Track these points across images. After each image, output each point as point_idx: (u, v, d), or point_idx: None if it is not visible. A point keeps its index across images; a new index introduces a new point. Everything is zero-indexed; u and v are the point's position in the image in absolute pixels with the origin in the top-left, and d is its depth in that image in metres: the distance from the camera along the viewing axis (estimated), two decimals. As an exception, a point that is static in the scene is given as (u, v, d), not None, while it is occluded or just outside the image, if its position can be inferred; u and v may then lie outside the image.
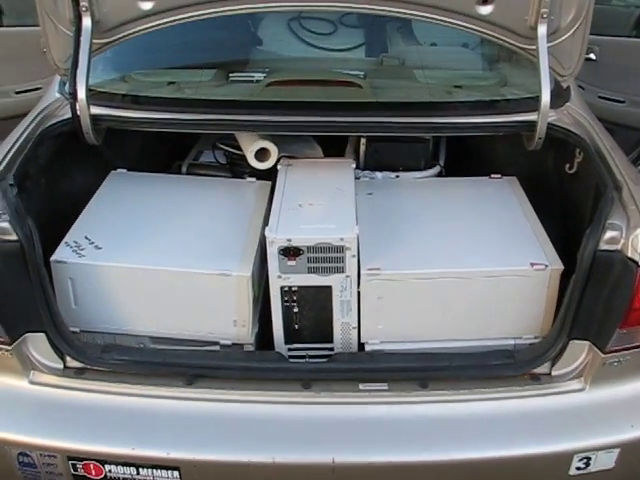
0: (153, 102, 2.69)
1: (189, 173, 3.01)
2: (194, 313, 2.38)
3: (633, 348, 2.21)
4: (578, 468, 2.18)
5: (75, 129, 2.55)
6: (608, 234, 2.16)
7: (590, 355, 2.24)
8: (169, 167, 3.12)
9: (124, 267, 2.33)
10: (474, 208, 2.62)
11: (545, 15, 2.37)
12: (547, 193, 2.79)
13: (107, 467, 2.17)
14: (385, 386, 2.25)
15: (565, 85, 2.66)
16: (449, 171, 2.96)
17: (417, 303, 2.33)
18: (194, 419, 2.20)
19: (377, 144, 2.82)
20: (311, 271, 2.29)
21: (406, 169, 2.85)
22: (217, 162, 3.01)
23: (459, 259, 2.35)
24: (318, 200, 2.46)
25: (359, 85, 2.73)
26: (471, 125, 2.61)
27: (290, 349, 2.43)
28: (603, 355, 2.21)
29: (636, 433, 2.19)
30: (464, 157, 3.04)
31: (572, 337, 2.24)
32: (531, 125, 2.52)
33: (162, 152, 3.21)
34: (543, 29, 2.39)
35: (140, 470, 2.16)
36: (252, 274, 2.32)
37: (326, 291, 2.32)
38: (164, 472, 2.16)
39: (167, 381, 2.26)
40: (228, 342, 2.39)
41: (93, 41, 2.46)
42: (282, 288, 2.32)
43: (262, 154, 2.76)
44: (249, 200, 2.69)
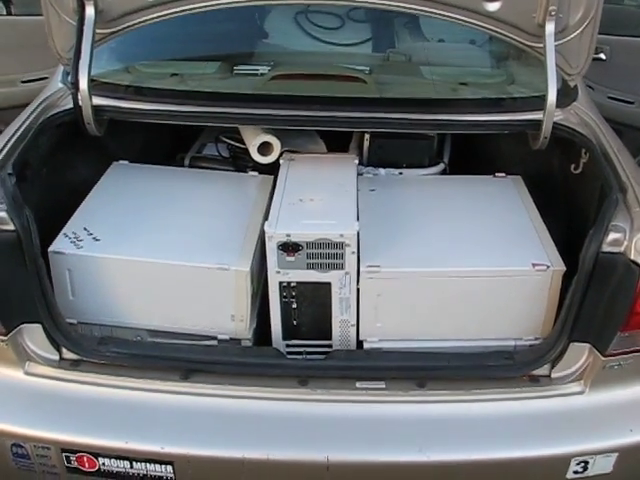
0: (156, 94, 2.67)
1: (192, 166, 2.99)
2: (192, 307, 2.36)
3: (634, 352, 2.18)
4: (576, 472, 2.16)
5: (77, 119, 2.54)
6: (611, 236, 2.13)
7: (590, 358, 2.21)
8: (172, 159, 3.10)
9: (122, 259, 2.32)
10: (477, 207, 2.59)
11: (553, 13, 2.33)
12: (552, 193, 2.75)
13: (101, 460, 2.15)
14: (382, 384, 2.22)
15: (572, 84, 2.62)
16: (453, 169, 2.93)
17: (417, 302, 2.30)
18: (189, 414, 2.19)
19: (381, 140, 2.78)
20: (310, 267, 2.27)
21: (410, 166, 2.82)
22: (220, 155, 2.99)
23: (460, 258, 2.32)
24: (319, 195, 2.43)
25: (364, 80, 2.70)
26: (476, 123, 2.58)
27: (288, 345, 2.41)
28: (603, 358, 2.18)
29: (635, 438, 2.16)
30: (469, 155, 3.01)
31: (572, 339, 2.21)
32: (537, 124, 2.49)
33: (166, 144, 3.19)
34: (551, 27, 2.36)
35: (134, 464, 2.15)
36: (251, 269, 2.30)
37: (325, 287, 2.30)
38: (158, 467, 2.14)
39: (163, 375, 2.25)
40: (226, 337, 2.37)
41: (96, 31, 2.44)
42: (281, 283, 2.30)
43: (265, 148, 2.73)
44: (251, 194, 2.67)
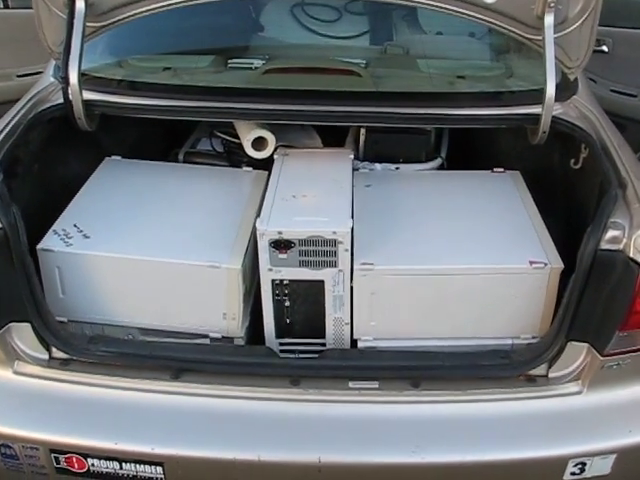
0: (148, 88, 2.62)
1: (186, 161, 2.95)
2: (183, 305, 2.32)
3: (633, 351, 2.13)
4: (573, 473, 2.12)
5: (68, 114, 2.50)
6: (610, 233, 2.08)
7: (588, 357, 2.16)
8: (167, 154, 3.06)
9: (112, 257, 2.28)
10: (474, 203, 2.54)
11: (552, 4, 2.29)
12: (551, 189, 2.70)
13: (90, 461, 2.12)
14: (376, 384, 2.18)
15: (572, 77, 2.57)
16: (451, 164, 2.87)
17: (412, 300, 2.26)
18: (179, 414, 2.15)
19: (377, 135, 2.74)
20: (303, 265, 2.23)
21: (406, 161, 2.77)
22: (214, 150, 2.95)
23: (456, 255, 2.27)
24: (313, 192, 2.39)
25: (359, 74, 2.65)
26: (473, 117, 2.52)
27: (281, 344, 2.37)
28: (602, 358, 2.13)
29: (634, 439, 2.12)
30: (467, 149, 2.95)
31: (570, 338, 2.16)
32: (535, 118, 2.44)
33: (160, 139, 3.14)
34: (550, 19, 2.32)
35: (123, 465, 2.11)
36: (243, 267, 2.26)
37: (318, 285, 2.26)
38: (148, 467, 2.11)
39: (153, 374, 2.21)
40: (218, 335, 2.34)
41: (86, 25, 2.39)
42: (273, 281, 2.26)
43: (259, 143, 2.69)
44: (244, 190, 2.63)
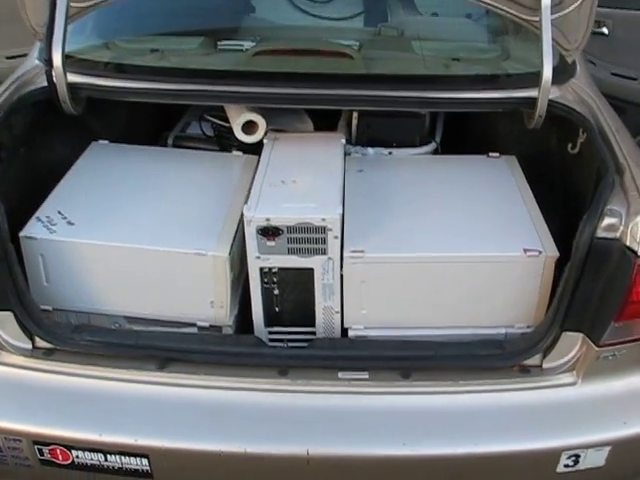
0: (135, 70, 2.56)
1: (175, 145, 2.89)
2: (170, 293, 2.27)
3: (629, 342, 2.08)
4: (566, 465, 2.07)
5: (52, 98, 2.44)
6: (606, 221, 2.02)
7: (583, 348, 2.11)
8: (158, 138, 3.00)
9: (96, 244, 2.22)
10: (469, 188, 2.47)
11: (549, -16, 2.22)
12: (548, 174, 2.64)
13: (74, 452, 2.08)
14: (365, 375, 2.13)
15: (570, 60, 2.51)
16: (446, 148, 2.81)
17: (403, 288, 2.21)
18: (165, 405, 2.10)
19: (370, 119, 2.67)
20: (291, 252, 2.17)
21: (400, 145, 2.71)
22: (204, 134, 2.88)
23: (448, 243, 2.22)
24: (302, 177, 2.33)
25: (351, 56, 2.59)
26: (468, 100, 2.46)
27: (271, 332, 2.32)
28: (597, 348, 2.08)
29: (629, 430, 2.07)
30: (462, 134, 2.89)
31: (565, 328, 2.11)
32: (531, 102, 2.38)
33: (151, 122, 3.08)
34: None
35: (108, 457, 2.07)
36: (230, 254, 2.21)
37: (307, 273, 2.21)
38: (132, 459, 2.06)
39: (139, 364, 2.16)
40: (205, 324, 2.29)
41: (70, 4, 2.33)
42: (261, 269, 2.21)
43: (250, 127, 2.62)
44: (234, 175, 2.57)
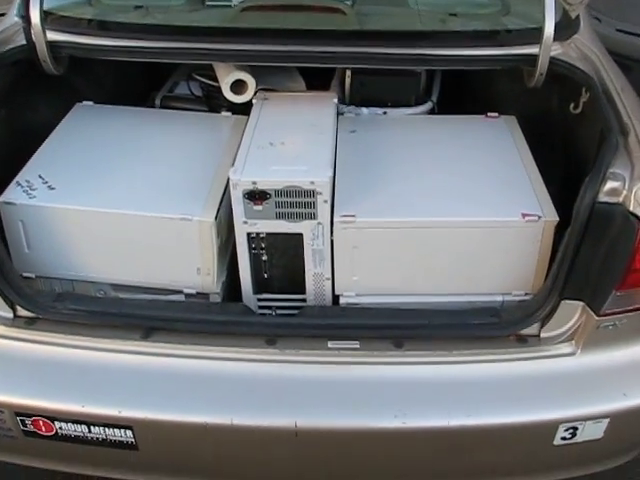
0: (118, 28, 2.45)
1: (163, 106, 2.79)
2: (156, 260, 2.19)
3: (630, 311, 2.00)
4: (563, 438, 2.00)
5: (32, 57, 2.34)
6: (609, 184, 1.93)
7: (583, 317, 2.03)
8: (147, 98, 2.90)
9: (77, 209, 2.14)
10: (466, 150, 2.37)
11: None
12: (549, 136, 2.53)
13: (57, 424, 2.02)
14: (356, 344, 2.05)
15: (573, 15, 2.41)
16: (443, 108, 2.70)
17: (396, 254, 2.13)
18: (149, 375, 2.04)
19: (363, 77, 2.56)
20: (280, 217, 2.09)
21: (394, 105, 2.60)
22: (192, 95, 2.78)
23: (443, 207, 2.13)
24: (292, 139, 2.23)
25: (344, 12, 2.47)
26: (465, 58, 2.35)
27: (260, 299, 2.26)
28: (597, 318, 2.00)
29: (628, 402, 2.00)
30: (459, 93, 2.78)
31: (564, 297, 2.03)
32: (532, 59, 2.27)
33: (139, 82, 2.98)
34: (550, -50, 2.14)
35: (92, 428, 2.01)
36: (217, 219, 2.13)
37: (296, 239, 2.13)
38: (117, 431, 2.00)
39: (122, 333, 2.09)
40: (192, 291, 2.22)
41: (49, -43, 2.24)
42: (249, 235, 2.13)
43: (239, 86, 2.53)
44: (222, 137, 2.47)
